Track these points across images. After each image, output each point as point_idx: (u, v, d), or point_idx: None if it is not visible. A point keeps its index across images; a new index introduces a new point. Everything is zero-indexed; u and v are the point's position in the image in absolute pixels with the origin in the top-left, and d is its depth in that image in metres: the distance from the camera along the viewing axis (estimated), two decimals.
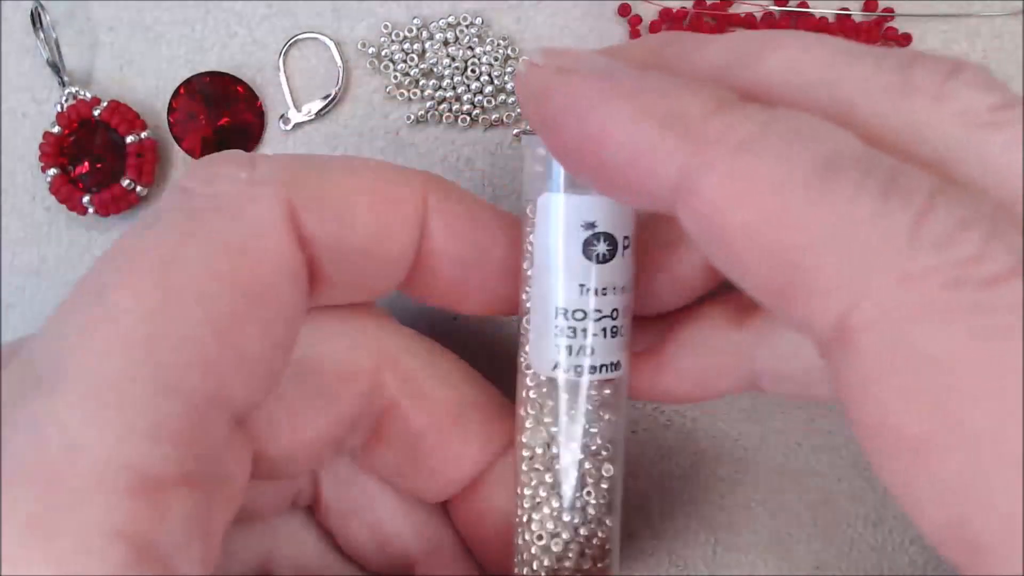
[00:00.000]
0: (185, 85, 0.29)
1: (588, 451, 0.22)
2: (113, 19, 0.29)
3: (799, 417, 0.29)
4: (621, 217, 0.21)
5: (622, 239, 0.21)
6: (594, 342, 0.21)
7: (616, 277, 0.21)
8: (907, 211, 0.15)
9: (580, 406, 0.21)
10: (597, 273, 0.21)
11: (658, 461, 0.29)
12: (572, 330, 0.21)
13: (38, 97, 0.29)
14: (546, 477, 0.22)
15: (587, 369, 0.21)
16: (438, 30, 0.29)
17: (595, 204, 0.20)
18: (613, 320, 0.21)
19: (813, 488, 0.29)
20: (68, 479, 0.16)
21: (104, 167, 0.28)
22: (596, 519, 0.22)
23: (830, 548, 0.29)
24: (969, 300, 0.14)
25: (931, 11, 0.29)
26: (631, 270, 0.21)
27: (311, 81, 0.29)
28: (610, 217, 0.20)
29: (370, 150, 0.29)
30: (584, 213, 0.20)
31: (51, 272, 0.29)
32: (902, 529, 0.29)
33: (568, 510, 0.22)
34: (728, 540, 0.29)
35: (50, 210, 0.29)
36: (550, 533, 0.22)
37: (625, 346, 0.22)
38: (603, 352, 0.21)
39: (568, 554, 0.22)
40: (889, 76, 0.17)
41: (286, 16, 0.29)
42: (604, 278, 0.21)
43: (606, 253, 0.20)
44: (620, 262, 0.21)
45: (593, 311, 0.21)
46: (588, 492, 0.22)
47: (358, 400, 0.22)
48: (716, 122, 0.16)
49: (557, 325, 0.21)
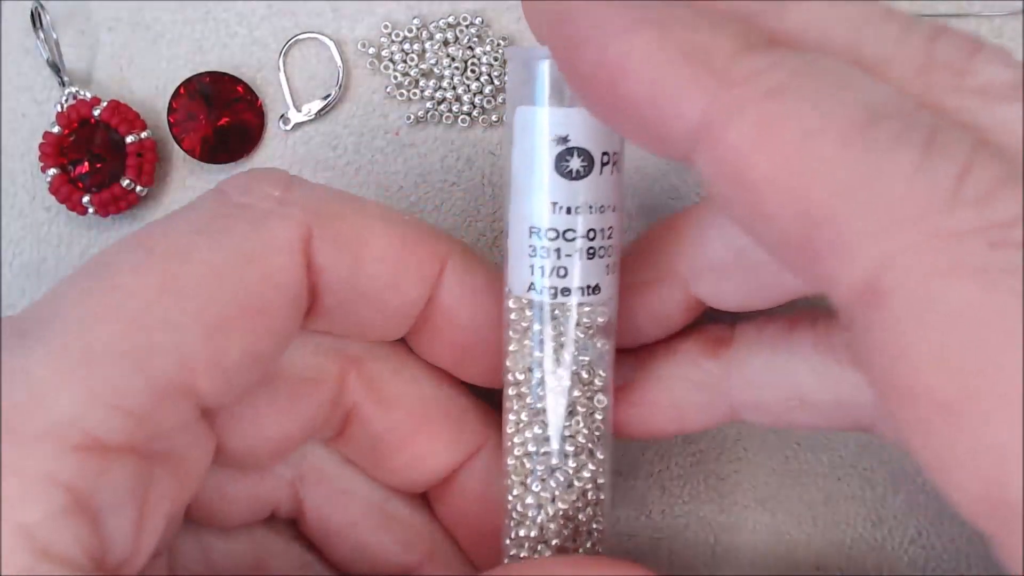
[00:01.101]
0: (185, 85, 0.29)
1: (577, 379, 0.21)
2: (113, 19, 0.29)
3: None
4: (600, 132, 0.19)
5: (600, 155, 0.19)
6: (568, 263, 0.20)
7: (593, 195, 0.20)
8: (949, 167, 0.14)
9: (568, 332, 0.20)
10: (571, 190, 0.19)
11: (658, 461, 0.29)
12: (546, 250, 0.20)
13: (38, 97, 0.29)
14: (528, 401, 0.21)
15: (561, 291, 0.20)
16: (438, 30, 0.29)
17: (570, 117, 0.19)
18: (590, 241, 0.20)
19: (813, 488, 0.29)
20: (24, 426, 0.17)
21: (104, 167, 0.28)
22: (587, 450, 0.21)
23: (830, 548, 0.29)
24: (1010, 261, 0.14)
25: (931, 11, 0.29)
26: (614, 188, 0.20)
27: (311, 81, 0.29)
28: (586, 131, 0.19)
29: (370, 150, 0.29)
30: (557, 127, 0.19)
31: (51, 272, 0.29)
32: (902, 529, 0.29)
33: (556, 438, 0.21)
34: (728, 540, 0.29)
35: (50, 210, 0.29)
36: (538, 468, 0.21)
37: (609, 269, 0.21)
38: (581, 274, 0.20)
39: (556, 490, 0.21)
40: (915, 44, 0.17)
41: (286, 16, 0.29)
42: (579, 195, 0.20)
43: (580, 169, 0.19)
44: (597, 179, 0.20)
45: (566, 230, 0.20)
46: (578, 422, 0.21)
47: (322, 404, 0.22)
48: (746, 63, 0.15)
49: (531, 244, 0.20)
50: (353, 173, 0.29)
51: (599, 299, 0.21)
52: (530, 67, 0.20)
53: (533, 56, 0.19)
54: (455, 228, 0.29)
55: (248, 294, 0.19)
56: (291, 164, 0.29)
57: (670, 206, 0.29)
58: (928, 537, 0.29)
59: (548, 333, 0.21)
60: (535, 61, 0.19)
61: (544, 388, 0.21)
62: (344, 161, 0.29)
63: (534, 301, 0.21)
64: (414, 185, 0.29)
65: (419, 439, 0.23)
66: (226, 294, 0.19)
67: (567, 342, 0.21)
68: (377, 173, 0.29)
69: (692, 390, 0.23)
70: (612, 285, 0.21)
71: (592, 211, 0.20)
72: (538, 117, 0.20)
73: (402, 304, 0.22)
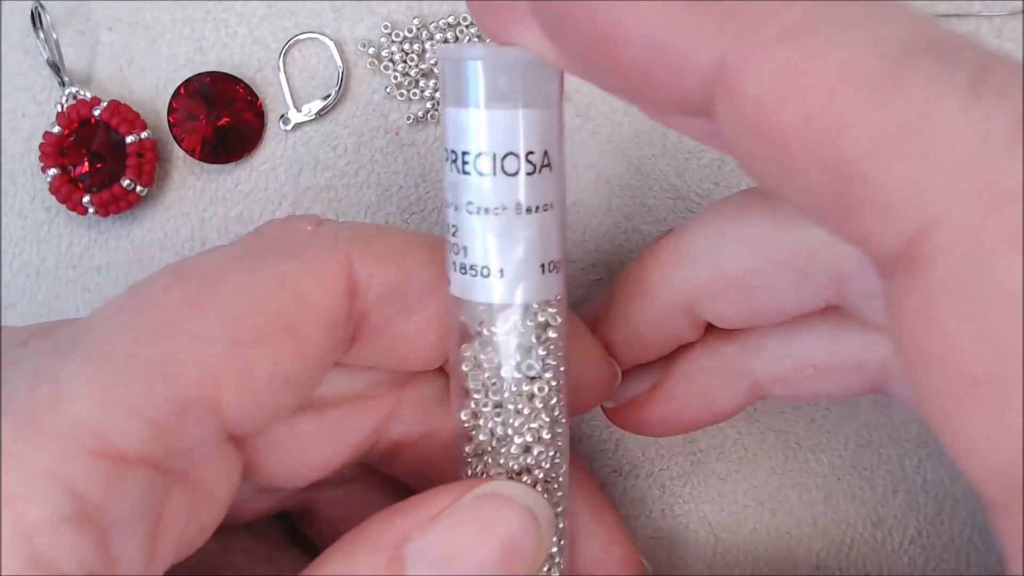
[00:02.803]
0: (185, 85, 0.29)
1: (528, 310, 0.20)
2: (113, 19, 0.29)
3: (799, 417, 0.29)
4: (529, 133, 0.19)
5: (500, 157, 0.19)
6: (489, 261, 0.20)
7: (519, 194, 0.19)
8: (1004, 112, 0.13)
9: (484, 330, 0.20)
10: (466, 187, 0.19)
11: (658, 460, 0.29)
12: (466, 248, 0.20)
13: (38, 97, 0.29)
14: (478, 346, 0.20)
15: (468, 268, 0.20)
16: (438, 30, 0.29)
17: (499, 119, 0.19)
18: None
19: (813, 488, 0.29)
20: (42, 425, 0.16)
21: (104, 167, 0.28)
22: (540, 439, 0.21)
23: (830, 548, 0.29)
24: None
25: (931, 11, 0.29)
26: (546, 186, 0.19)
27: (311, 81, 0.29)
28: (512, 133, 0.19)
29: (370, 150, 0.29)
30: (481, 128, 0.19)
31: (51, 272, 0.29)
32: (902, 529, 0.29)
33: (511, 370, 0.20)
34: (728, 540, 0.29)
35: (50, 210, 0.29)
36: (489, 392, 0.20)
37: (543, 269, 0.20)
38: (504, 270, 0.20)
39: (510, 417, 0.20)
40: None
41: (286, 16, 0.29)
42: (512, 194, 0.19)
43: (506, 169, 0.19)
44: (525, 180, 0.19)
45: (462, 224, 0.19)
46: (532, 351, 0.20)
47: (370, 432, 0.22)
48: (755, 2, 0.14)
49: (452, 243, 0.20)
50: (353, 173, 0.29)
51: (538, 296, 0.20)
52: (462, 67, 0.19)
53: (466, 55, 0.19)
54: None
55: (279, 315, 0.19)
56: (291, 164, 0.29)
57: (670, 206, 0.29)
58: (928, 537, 0.29)
59: (472, 327, 0.20)
60: (468, 61, 0.19)
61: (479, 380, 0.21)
62: (344, 161, 0.29)
63: (454, 297, 0.20)
64: (414, 185, 0.29)
65: None
66: (255, 312, 0.18)
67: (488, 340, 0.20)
68: (377, 173, 0.29)
69: (717, 377, 0.24)
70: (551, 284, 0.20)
71: (520, 211, 0.19)
72: (466, 118, 0.19)
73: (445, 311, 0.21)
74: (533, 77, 0.19)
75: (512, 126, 0.19)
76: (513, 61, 0.19)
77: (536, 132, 0.19)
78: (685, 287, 0.22)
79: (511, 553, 0.19)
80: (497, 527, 0.19)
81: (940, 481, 0.29)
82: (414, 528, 0.19)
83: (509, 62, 0.19)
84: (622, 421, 0.26)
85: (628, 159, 0.29)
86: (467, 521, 0.19)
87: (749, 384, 0.24)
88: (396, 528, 0.19)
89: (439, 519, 0.19)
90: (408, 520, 0.19)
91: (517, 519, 0.19)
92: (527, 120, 0.19)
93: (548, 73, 0.19)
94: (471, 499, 0.19)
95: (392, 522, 0.19)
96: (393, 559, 0.19)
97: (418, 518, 0.19)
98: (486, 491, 0.20)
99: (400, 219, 0.29)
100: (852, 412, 0.29)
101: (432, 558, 0.19)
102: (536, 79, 0.19)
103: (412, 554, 0.19)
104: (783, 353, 0.23)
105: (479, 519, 0.19)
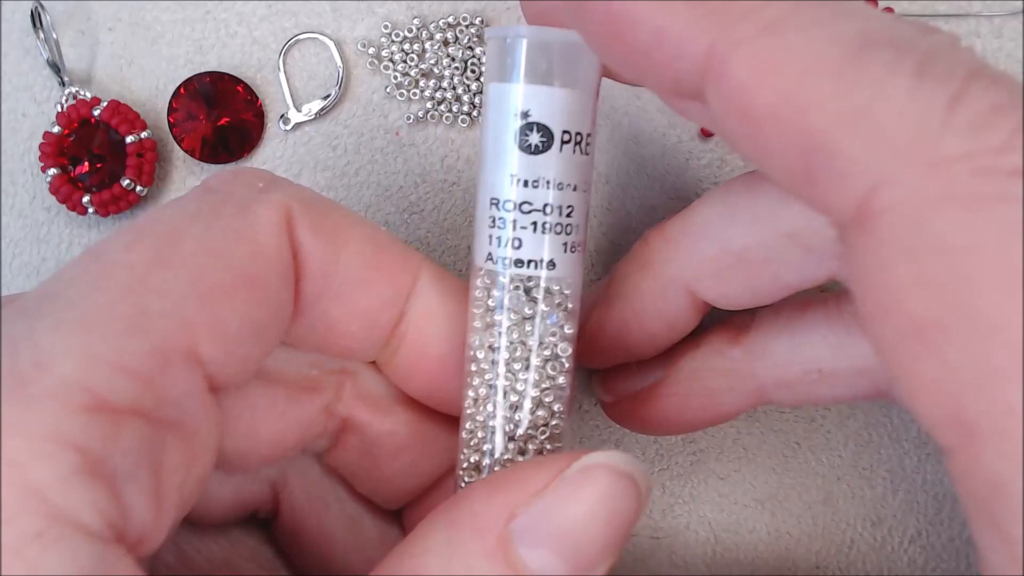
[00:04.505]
0: (185, 85, 0.29)
1: (536, 353, 0.21)
2: (113, 19, 0.29)
3: (799, 417, 0.29)
4: (565, 111, 0.20)
5: (560, 133, 0.20)
6: (523, 234, 0.20)
7: (552, 171, 0.20)
8: (942, 93, 0.15)
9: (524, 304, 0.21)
10: (530, 164, 0.20)
11: (658, 461, 0.29)
12: (503, 221, 0.20)
13: (38, 97, 0.29)
14: (488, 377, 0.21)
15: (514, 262, 0.20)
16: (438, 30, 0.29)
17: (537, 94, 0.20)
18: (546, 215, 0.20)
19: (813, 488, 0.29)
20: (30, 388, 0.16)
21: (104, 167, 0.28)
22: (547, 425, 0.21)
23: (830, 548, 0.29)
24: (996, 190, 0.14)
25: (931, 11, 0.29)
26: (576, 168, 0.21)
27: (311, 81, 0.29)
28: (551, 109, 0.20)
29: (370, 150, 0.29)
30: (522, 102, 0.20)
31: (51, 272, 0.29)
32: (902, 529, 0.29)
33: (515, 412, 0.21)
34: (728, 540, 0.29)
35: (50, 210, 0.29)
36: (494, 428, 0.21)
37: (568, 248, 0.21)
38: (535, 247, 0.21)
39: None
40: None
41: (286, 16, 0.29)
42: (538, 170, 0.20)
43: (540, 144, 0.20)
44: (558, 156, 0.20)
45: (522, 203, 0.20)
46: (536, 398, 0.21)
47: (319, 411, 0.23)
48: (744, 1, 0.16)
49: (491, 216, 0.21)
50: (353, 173, 0.29)
51: (555, 275, 0.21)
52: (507, 45, 0.20)
53: (511, 34, 0.20)
54: (455, 228, 0.29)
55: (240, 266, 0.19)
56: (291, 164, 0.29)
57: (670, 206, 0.29)
58: (928, 537, 0.29)
59: (505, 304, 0.21)
60: (513, 39, 0.20)
61: (501, 362, 0.21)
62: (344, 161, 0.29)
63: (493, 272, 0.21)
64: (414, 185, 0.29)
65: (412, 451, 0.23)
66: (218, 266, 0.19)
67: (525, 316, 0.21)
68: (377, 173, 0.29)
69: (721, 378, 0.24)
70: (570, 264, 0.21)
71: (550, 187, 0.20)
72: (507, 93, 0.20)
73: (375, 307, 0.22)
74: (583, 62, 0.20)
75: (581, 105, 0.20)
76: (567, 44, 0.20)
77: (588, 113, 0.21)
78: (689, 263, 0.22)
79: (616, 521, 0.19)
80: (609, 498, 0.19)
81: (940, 481, 0.29)
82: (519, 504, 0.19)
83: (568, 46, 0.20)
84: (621, 417, 0.26)
85: (628, 159, 0.29)
86: (574, 495, 0.19)
87: (753, 388, 0.24)
88: (499, 505, 0.19)
89: (545, 494, 0.19)
90: (511, 496, 0.19)
91: (621, 488, 0.19)
92: (581, 100, 0.20)
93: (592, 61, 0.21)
94: (575, 472, 0.19)
95: (493, 500, 0.19)
96: (501, 537, 0.18)
97: (522, 493, 0.19)
98: (592, 462, 0.19)
99: (400, 219, 0.29)
100: (852, 412, 0.29)
101: (544, 534, 0.18)
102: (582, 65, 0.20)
103: (521, 531, 0.18)
104: (789, 358, 0.23)
105: (585, 491, 0.19)
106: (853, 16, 0.16)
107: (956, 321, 0.14)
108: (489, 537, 0.18)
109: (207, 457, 0.20)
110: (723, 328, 0.24)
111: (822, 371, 0.23)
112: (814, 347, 0.23)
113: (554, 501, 0.19)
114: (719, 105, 0.17)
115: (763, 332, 0.24)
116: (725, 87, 0.16)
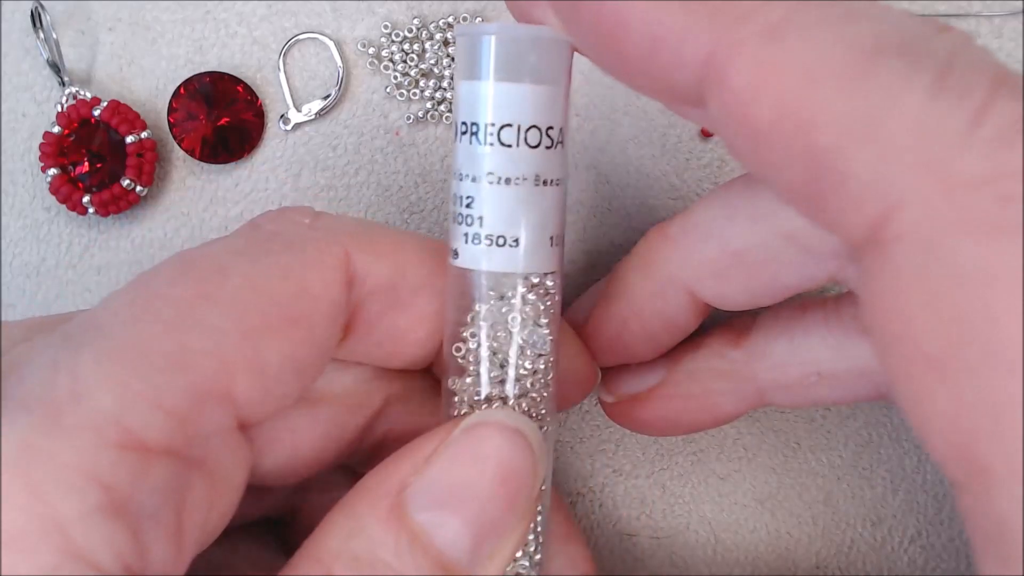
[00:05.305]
0: (185, 85, 0.29)
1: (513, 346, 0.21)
2: (113, 19, 0.29)
3: (799, 417, 0.29)
4: (534, 106, 0.20)
5: (529, 128, 0.20)
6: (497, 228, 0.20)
7: (523, 165, 0.20)
8: (963, 108, 0.13)
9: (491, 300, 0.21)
10: (500, 159, 0.20)
11: (658, 461, 0.29)
12: (476, 216, 0.20)
13: (38, 97, 0.29)
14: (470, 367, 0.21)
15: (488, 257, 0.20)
16: (438, 30, 0.29)
17: (503, 91, 0.20)
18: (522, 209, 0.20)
19: (813, 488, 0.29)
20: (65, 419, 0.16)
21: (104, 167, 0.28)
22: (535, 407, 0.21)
23: (830, 548, 0.29)
24: (1020, 218, 0.13)
25: (931, 11, 0.29)
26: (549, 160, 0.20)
27: (311, 81, 0.29)
28: (519, 105, 0.20)
29: (370, 150, 0.29)
30: (490, 100, 0.20)
31: (51, 272, 0.29)
32: (902, 529, 0.29)
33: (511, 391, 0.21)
34: (728, 540, 0.29)
35: (50, 210, 0.29)
36: None
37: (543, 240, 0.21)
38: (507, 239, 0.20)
39: None
40: None
41: (286, 16, 0.29)
42: (508, 167, 0.20)
43: (511, 140, 0.20)
44: (529, 151, 0.20)
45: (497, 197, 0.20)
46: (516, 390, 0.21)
47: (360, 429, 0.22)
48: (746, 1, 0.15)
49: (458, 212, 0.21)
50: (353, 173, 0.29)
51: (535, 268, 0.21)
52: (475, 43, 0.20)
53: (479, 32, 0.20)
54: None
55: (285, 305, 0.19)
56: (291, 164, 0.29)
57: (670, 206, 0.29)
58: (928, 537, 0.29)
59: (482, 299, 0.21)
60: (479, 36, 0.20)
61: (478, 355, 0.21)
62: (344, 161, 0.29)
63: (462, 269, 0.21)
64: (414, 185, 0.29)
65: None
66: (263, 304, 0.19)
67: (502, 314, 0.21)
68: (377, 173, 0.29)
69: (721, 380, 0.24)
70: (550, 256, 0.21)
71: (525, 181, 0.20)
72: (477, 91, 0.20)
73: (439, 309, 0.22)
74: (554, 55, 0.20)
75: (547, 100, 0.20)
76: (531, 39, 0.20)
77: (557, 108, 0.20)
78: (689, 263, 0.22)
79: (509, 477, 0.19)
80: (490, 453, 0.19)
81: (940, 481, 0.29)
82: (410, 473, 0.19)
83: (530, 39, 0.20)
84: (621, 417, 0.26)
85: (628, 159, 0.29)
86: (460, 454, 0.19)
87: (752, 390, 0.24)
88: (392, 476, 0.19)
89: (432, 459, 0.19)
90: (403, 466, 0.19)
91: (507, 442, 0.19)
92: (549, 95, 0.20)
93: (564, 54, 0.20)
94: (460, 432, 0.19)
95: (387, 472, 0.19)
96: (394, 505, 0.19)
97: (412, 462, 0.19)
98: (472, 422, 0.19)
99: (400, 219, 0.29)
100: (852, 412, 0.29)
101: (433, 498, 0.19)
102: (555, 57, 0.20)
103: (413, 497, 0.19)
104: (789, 360, 0.23)
105: (471, 450, 0.19)
106: (864, 16, 0.15)
107: (972, 356, 0.13)
108: (382, 507, 0.19)
109: (232, 495, 0.20)
110: (724, 330, 0.24)
111: (821, 373, 0.23)
112: (813, 349, 0.23)
113: (443, 462, 0.19)
114: (719, 115, 0.16)
115: (763, 334, 0.24)
116: (724, 97, 0.15)
